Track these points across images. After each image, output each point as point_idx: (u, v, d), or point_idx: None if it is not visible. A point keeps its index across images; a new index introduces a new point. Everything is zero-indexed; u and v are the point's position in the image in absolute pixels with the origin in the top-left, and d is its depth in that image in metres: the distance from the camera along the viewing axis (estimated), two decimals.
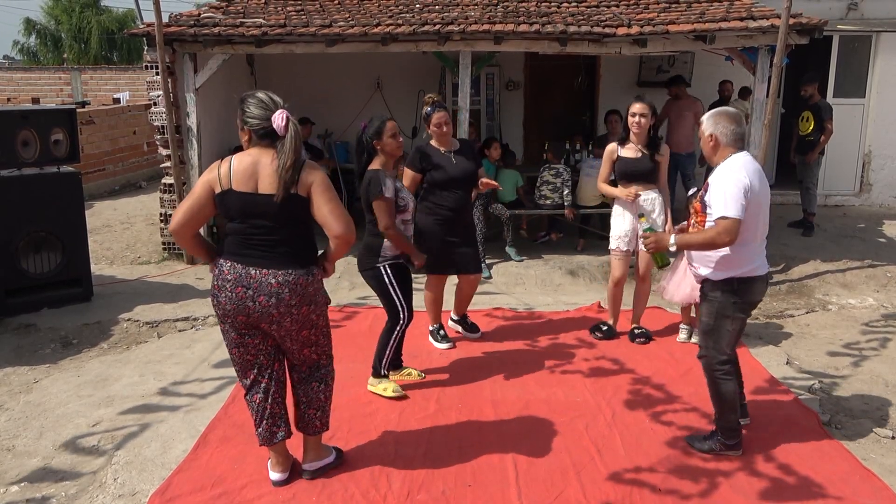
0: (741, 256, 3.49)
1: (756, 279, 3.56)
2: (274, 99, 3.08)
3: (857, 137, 9.62)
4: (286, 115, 3.02)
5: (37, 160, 5.86)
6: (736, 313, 3.57)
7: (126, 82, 18.45)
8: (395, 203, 4.16)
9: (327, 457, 3.50)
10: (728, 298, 3.55)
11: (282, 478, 3.39)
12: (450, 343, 5.15)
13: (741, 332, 3.71)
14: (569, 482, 3.43)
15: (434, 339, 5.17)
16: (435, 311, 5.14)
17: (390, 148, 4.14)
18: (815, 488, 3.41)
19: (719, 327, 3.60)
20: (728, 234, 3.34)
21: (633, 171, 5.05)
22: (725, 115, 3.58)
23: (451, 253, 4.85)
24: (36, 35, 34.26)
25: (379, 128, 4.13)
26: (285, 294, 3.05)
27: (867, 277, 6.85)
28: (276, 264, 3.06)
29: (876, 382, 4.67)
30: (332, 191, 3.07)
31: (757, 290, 3.59)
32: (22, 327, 5.54)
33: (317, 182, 3.03)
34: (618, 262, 5.19)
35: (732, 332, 3.61)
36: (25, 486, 3.47)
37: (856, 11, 9.23)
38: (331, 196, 3.05)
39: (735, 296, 3.54)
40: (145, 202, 10.66)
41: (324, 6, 7.89)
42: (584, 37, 6.61)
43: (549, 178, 7.52)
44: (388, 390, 4.31)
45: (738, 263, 3.50)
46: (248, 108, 3.08)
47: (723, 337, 3.61)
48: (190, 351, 5.14)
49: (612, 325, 5.32)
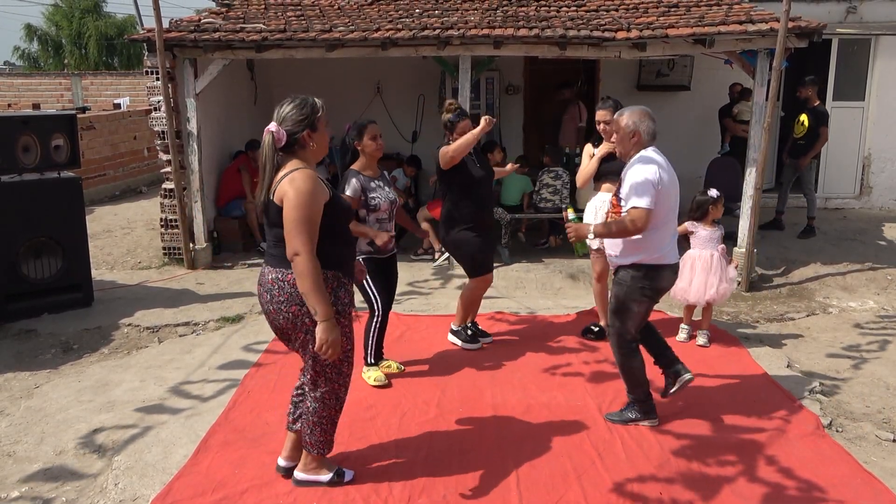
0: (650, 243, 3.77)
1: (664, 267, 3.83)
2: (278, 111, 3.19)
3: (857, 140, 9.63)
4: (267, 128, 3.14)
5: (37, 166, 5.86)
6: (642, 298, 3.84)
7: (126, 88, 18.47)
8: (366, 203, 4.32)
9: (317, 475, 3.41)
10: (636, 283, 3.82)
11: (281, 464, 3.51)
12: (477, 344, 5.19)
13: (647, 315, 3.98)
14: (570, 486, 3.43)
15: (461, 340, 5.22)
16: (466, 312, 5.21)
17: (370, 149, 4.38)
18: (816, 492, 3.41)
19: (628, 309, 3.87)
20: (639, 222, 3.66)
21: (605, 170, 5.09)
22: (648, 114, 3.87)
23: (486, 252, 5.00)
24: (37, 41, 34.34)
25: (360, 129, 4.38)
26: (276, 290, 3.15)
27: (868, 280, 6.85)
28: (274, 262, 3.19)
29: (877, 385, 4.67)
30: (299, 210, 2.97)
31: (665, 277, 3.86)
32: (22, 333, 5.55)
33: (287, 196, 3.01)
34: (596, 259, 5.24)
35: (638, 315, 3.89)
36: (26, 492, 3.47)
37: (855, 15, 9.25)
38: (293, 216, 2.97)
39: (643, 280, 3.81)
40: (146, 207, 10.67)
41: (324, 11, 7.91)
42: (583, 41, 6.62)
43: (549, 181, 7.54)
44: (370, 378, 4.52)
45: (646, 248, 3.78)
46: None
47: (630, 318, 3.88)
48: (190, 356, 5.14)
49: (603, 326, 5.33)
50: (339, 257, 3.25)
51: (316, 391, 3.28)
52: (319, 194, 3.07)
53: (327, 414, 3.32)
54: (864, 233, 8.47)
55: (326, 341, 2.99)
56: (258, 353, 5.11)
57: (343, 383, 3.32)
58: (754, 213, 6.65)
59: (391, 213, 4.46)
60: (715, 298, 5.15)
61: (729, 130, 8.90)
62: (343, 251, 3.30)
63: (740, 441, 3.87)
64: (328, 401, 3.29)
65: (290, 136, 3.12)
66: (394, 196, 4.46)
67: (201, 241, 7.39)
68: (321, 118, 3.20)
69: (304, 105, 3.15)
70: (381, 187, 4.41)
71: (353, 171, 4.39)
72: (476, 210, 4.90)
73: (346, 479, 3.43)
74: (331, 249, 3.17)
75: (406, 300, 6.19)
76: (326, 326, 2.99)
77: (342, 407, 3.38)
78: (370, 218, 4.38)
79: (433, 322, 5.68)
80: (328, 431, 3.36)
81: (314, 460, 3.40)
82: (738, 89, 8.86)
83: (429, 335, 5.38)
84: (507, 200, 7.51)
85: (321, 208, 3.07)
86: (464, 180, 4.86)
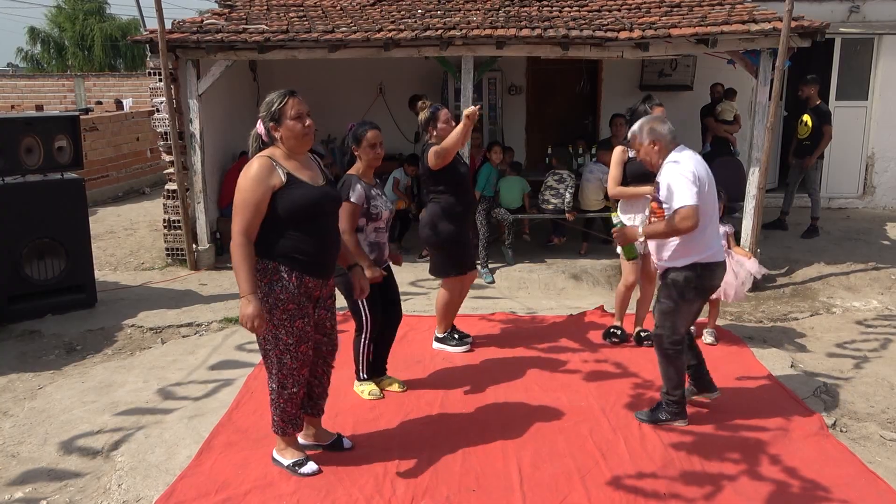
0: (701, 242, 3.78)
1: (716, 264, 3.87)
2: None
3: (860, 140, 9.62)
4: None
5: (40, 167, 5.88)
6: (696, 297, 3.88)
7: (129, 89, 18.51)
8: (367, 211, 4.17)
9: (282, 456, 3.56)
10: (690, 283, 3.83)
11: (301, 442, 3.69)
12: (466, 346, 5.17)
13: (698, 314, 4.05)
14: (573, 487, 3.42)
15: (448, 346, 5.18)
16: (449, 317, 5.16)
17: (366, 156, 4.19)
18: (820, 492, 3.40)
19: (679, 310, 3.87)
20: (689, 220, 3.63)
21: (646, 171, 5.03)
22: (656, 120, 3.89)
23: (465, 251, 4.94)
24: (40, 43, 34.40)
25: (359, 135, 4.18)
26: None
27: (871, 280, 6.84)
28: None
29: (881, 385, 4.65)
30: (240, 193, 3.16)
31: (717, 274, 3.91)
32: (26, 334, 5.56)
33: (238, 181, 3.22)
34: (632, 266, 5.13)
35: (690, 313, 3.93)
36: (30, 492, 3.48)
37: (858, 14, 9.23)
38: (236, 199, 3.17)
39: (697, 280, 3.83)
40: (149, 208, 10.68)
41: (326, 12, 7.91)
42: (585, 41, 6.62)
43: (553, 184, 7.53)
44: (364, 392, 4.42)
45: (699, 249, 3.78)
46: None
47: (682, 318, 3.90)
48: (194, 357, 5.14)
49: (624, 329, 5.32)
50: (289, 250, 3.23)
51: (270, 377, 3.45)
52: (266, 180, 3.17)
53: (276, 398, 3.44)
54: (868, 232, 8.45)
55: (243, 315, 3.14)
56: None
57: (287, 373, 3.38)
58: (757, 213, 6.64)
59: (388, 223, 4.33)
60: (737, 297, 5.15)
61: (710, 130, 8.88)
62: (300, 246, 3.24)
63: (744, 441, 3.86)
64: (275, 387, 3.42)
65: (265, 130, 3.30)
66: (393, 206, 4.36)
67: (204, 242, 7.39)
68: (283, 110, 3.23)
69: (267, 101, 3.29)
70: (380, 195, 4.29)
71: (354, 177, 4.18)
72: (464, 210, 4.88)
73: (303, 472, 3.49)
74: (277, 240, 3.22)
75: (408, 300, 6.18)
76: (242, 302, 3.15)
77: (292, 396, 3.45)
78: (368, 227, 4.21)
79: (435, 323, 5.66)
80: (280, 415, 3.47)
81: (281, 441, 3.57)
82: (720, 89, 8.86)
83: (431, 335, 5.37)
84: (507, 202, 7.48)
85: (266, 195, 3.16)
86: (454, 178, 4.80)
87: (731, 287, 5.11)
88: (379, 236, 4.28)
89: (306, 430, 3.71)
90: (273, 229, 3.21)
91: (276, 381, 3.41)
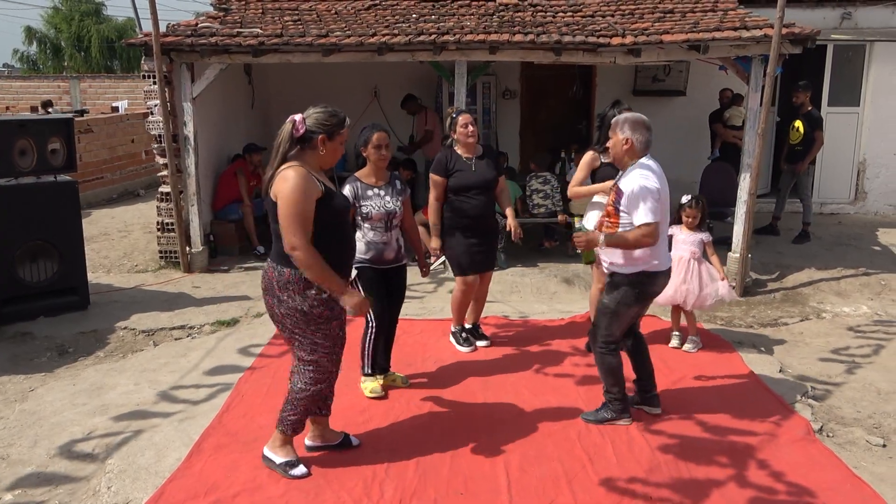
0: (649, 252, 3.89)
1: (660, 273, 3.98)
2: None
3: (852, 146, 9.67)
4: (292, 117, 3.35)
5: (34, 169, 5.88)
6: (634, 303, 3.98)
7: (125, 91, 18.49)
8: (359, 210, 4.31)
9: (276, 454, 3.57)
10: (632, 288, 3.94)
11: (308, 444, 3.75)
12: (472, 346, 5.23)
13: (635, 319, 4.16)
14: (560, 490, 3.45)
15: (456, 342, 5.26)
16: (460, 313, 5.25)
17: (373, 157, 4.33)
18: (806, 497, 3.43)
19: (617, 311, 3.98)
20: (651, 237, 3.79)
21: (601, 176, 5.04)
22: (643, 124, 3.92)
23: (474, 256, 5.03)
24: (36, 43, 34.37)
25: (367, 136, 4.32)
26: (273, 283, 3.36)
27: (861, 286, 6.87)
28: (274, 256, 3.39)
29: (868, 390, 4.68)
30: (293, 206, 3.18)
31: (659, 282, 4.01)
32: (18, 336, 5.56)
33: (281, 194, 3.22)
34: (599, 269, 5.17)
35: (627, 318, 4.03)
36: (20, 494, 3.49)
37: (850, 21, 9.28)
38: (286, 212, 3.19)
39: (639, 286, 3.94)
40: (143, 210, 10.67)
41: (320, 16, 7.94)
42: (578, 47, 6.65)
43: (538, 186, 7.57)
44: (366, 389, 4.48)
45: (646, 258, 3.90)
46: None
47: (618, 320, 4.00)
48: (185, 359, 5.15)
49: None
50: (332, 255, 3.32)
51: (303, 377, 3.47)
52: (310, 190, 3.23)
53: (300, 398, 3.49)
54: (859, 238, 8.49)
55: (353, 306, 3.31)
56: (252, 357, 5.12)
57: (322, 374, 3.48)
58: (748, 218, 6.67)
59: (388, 223, 4.35)
60: (695, 305, 5.17)
61: (719, 136, 8.93)
62: (336, 249, 3.37)
63: (731, 445, 3.89)
64: (302, 387, 3.48)
65: (307, 131, 3.30)
66: (394, 207, 4.36)
67: (198, 245, 7.40)
68: (342, 133, 3.40)
69: (333, 115, 3.39)
70: (380, 196, 4.33)
71: (351, 177, 4.38)
72: (470, 215, 4.98)
73: (293, 474, 3.51)
74: (323, 246, 3.27)
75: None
76: (344, 298, 3.30)
77: (322, 400, 3.59)
78: (364, 226, 4.34)
79: (427, 326, 5.70)
80: (302, 413, 3.54)
81: (279, 439, 3.57)
82: (728, 95, 8.90)
83: (422, 339, 5.40)
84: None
85: (313, 204, 3.23)
86: (458, 185, 4.95)
87: (693, 295, 5.13)
88: (376, 236, 4.36)
89: (313, 431, 3.75)
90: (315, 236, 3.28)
91: (306, 382, 3.47)
